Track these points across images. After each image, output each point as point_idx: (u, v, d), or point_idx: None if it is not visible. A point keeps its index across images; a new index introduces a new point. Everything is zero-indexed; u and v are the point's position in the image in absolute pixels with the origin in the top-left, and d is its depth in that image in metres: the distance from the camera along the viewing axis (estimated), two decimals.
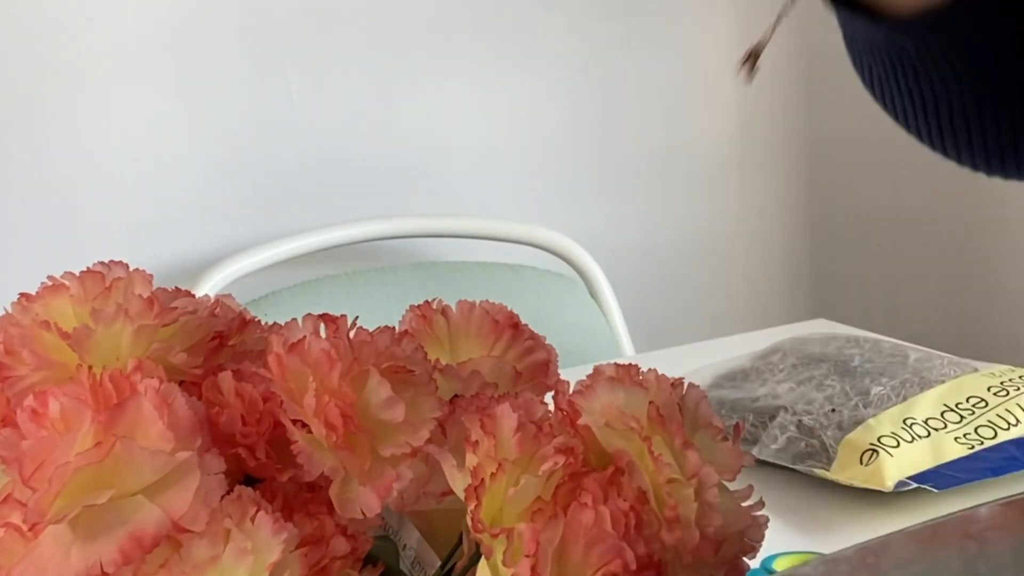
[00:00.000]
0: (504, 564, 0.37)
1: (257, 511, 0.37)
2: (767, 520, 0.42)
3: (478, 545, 0.39)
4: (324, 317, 0.42)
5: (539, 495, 0.39)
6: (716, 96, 1.90)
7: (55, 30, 1.42)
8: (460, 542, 0.43)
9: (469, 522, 0.38)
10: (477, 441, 0.40)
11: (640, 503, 0.39)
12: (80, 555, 0.36)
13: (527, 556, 0.37)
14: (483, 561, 0.38)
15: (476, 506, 0.38)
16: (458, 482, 0.40)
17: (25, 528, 0.37)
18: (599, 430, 0.41)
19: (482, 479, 0.38)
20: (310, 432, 0.40)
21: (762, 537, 0.42)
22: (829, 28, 1.98)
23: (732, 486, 0.42)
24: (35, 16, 1.40)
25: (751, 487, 0.43)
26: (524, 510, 0.38)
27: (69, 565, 0.36)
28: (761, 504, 0.42)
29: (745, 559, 0.42)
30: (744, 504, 0.42)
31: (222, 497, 0.37)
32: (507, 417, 0.40)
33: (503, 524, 0.38)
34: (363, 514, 0.39)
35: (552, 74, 1.75)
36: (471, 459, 0.40)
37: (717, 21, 1.88)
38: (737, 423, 0.46)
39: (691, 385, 0.43)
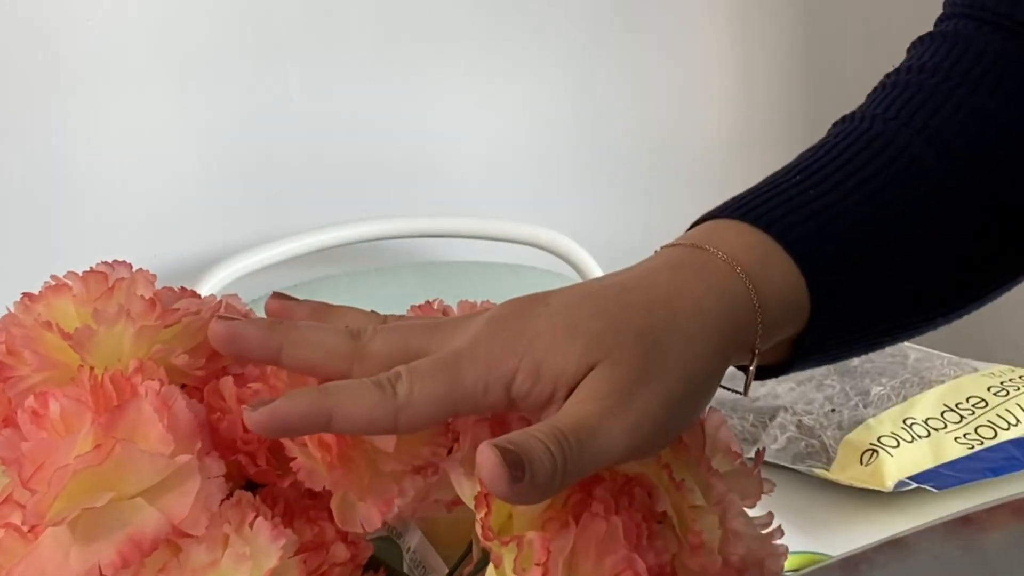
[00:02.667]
0: (514, 572, 0.37)
1: (256, 516, 0.37)
2: (786, 550, 0.42)
3: (485, 552, 0.39)
4: None
5: (550, 504, 0.38)
6: (716, 95, 1.90)
7: (55, 30, 1.42)
8: (469, 549, 0.43)
9: (479, 529, 0.38)
10: None
11: (656, 519, 0.39)
12: (79, 557, 0.36)
13: (537, 565, 0.37)
14: (491, 568, 0.38)
15: (486, 514, 0.38)
16: (466, 490, 0.40)
17: (25, 529, 0.36)
18: None
19: None
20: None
21: (781, 569, 0.42)
22: (831, 23, 1.99)
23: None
24: (35, 16, 1.40)
25: (771, 514, 0.42)
26: (535, 518, 0.38)
27: (68, 567, 0.36)
28: (780, 532, 0.42)
29: None
30: (764, 531, 0.42)
31: (222, 502, 0.37)
32: (516, 424, 0.40)
33: (513, 532, 0.38)
34: (363, 528, 0.39)
35: (552, 74, 1.75)
36: None
37: (717, 19, 1.88)
38: (758, 451, 0.46)
39: (711, 410, 0.42)
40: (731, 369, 0.46)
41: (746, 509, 0.41)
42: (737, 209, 0.50)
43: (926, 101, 0.55)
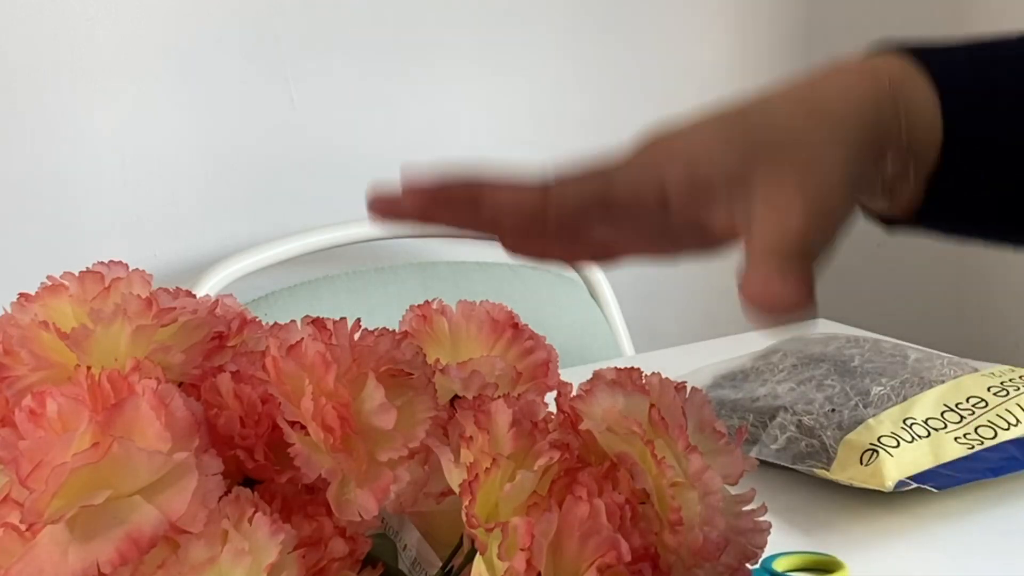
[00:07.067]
0: (499, 558, 0.37)
1: (255, 512, 0.37)
2: (769, 526, 0.42)
3: (474, 542, 0.39)
4: (316, 323, 0.42)
5: (534, 490, 0.39)
6: (714, 94, 1.90)
7: (56, 30, 1.42)
8: (462, 542, 0.43)
9: (464, 517, 0.38)
10: (471, 436, 0.40)
11: (639, 500, 0.39)
12: (77, 555, 0.36)
13: (522, 550, 0.37)
14: (478, 556, 0.38)
15: (471, 501, 0.38)
16: (454, 476, 0.40)
17: (23, 528, 0.36)
18: (601, 435, 0.41)
19: (476, 474, 0.38)
20: (307, 434, 0.39)
21: (764, 543, 0.42)
22: (828, 28, 1.98)
23: (734, 490, 0.42)
24: (35, 16, 1.40)
25: (753, 490, 0.43)
26: (519, 505, 0.38)
27: (66, 565, 0.36)
28: (764, 509, 0.42)
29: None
30: (746, 508, 0.42)
31: (220, 498, 0.37)
32: (502, 413, 0.40)
33: (498, 519, 0.38)
34: (360, 516, 0.39)
35: (550, 74, 1.75)
36: (466, 455, 0.40)
37: (714, 19, 1.88)
38: (740, 427, 0.46)
39: (694, 389, 0.43)
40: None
41: (728, 486, 0.42)
42: (895, 44, 0.51)
43: None
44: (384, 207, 0.45)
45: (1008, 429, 0.89)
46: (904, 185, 0.49)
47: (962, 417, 0.91)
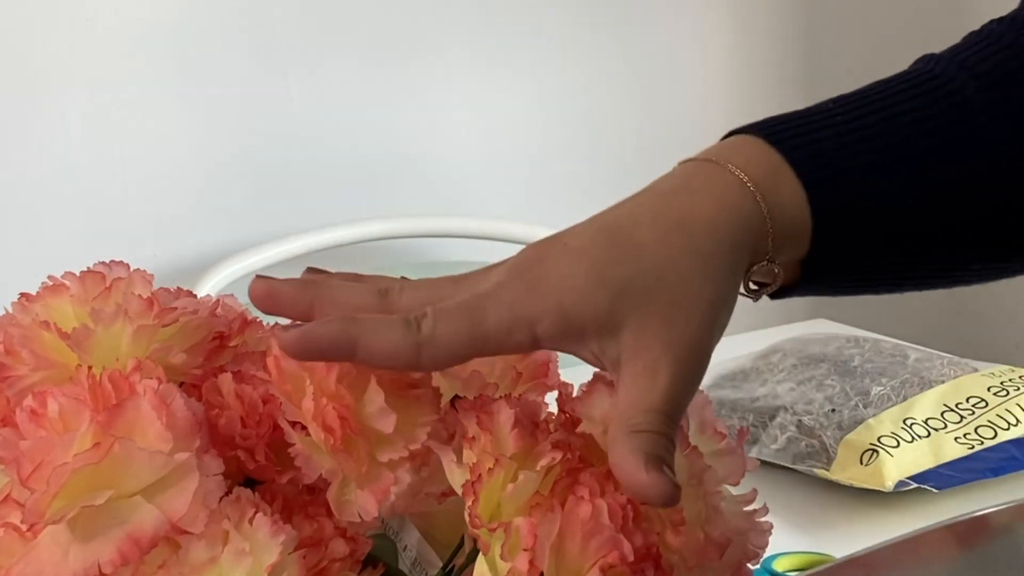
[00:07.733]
0: (502, 558, 0.37)
1: (255, 513, 0.37)
2: (770, 526, 0.42)
3: (476, 541, 0.39)
4: None
5: (537, 490, 0.39)
6: (713, 93, 1.90)
7: (56, 30, 1.42)
8: (462, 542, 0.43)
9: (467, 518, 0.38)
10: (474, 437, 0.40)
11: (639, 501, 0.39)
12: (78, 555, 0.36)
13: (525, 550, 0.37)
14: (481, 557, 0.38)
15: (474, 501, 0.38)
16: (456, 477, 0.40)
17: (24, 528, 0.36)
18: (600, 436, 0.41)
19: (479, 475, 0.38)
20: (308, 435, 0.39)
21: (766, 543, 0.42)
22: (828, 27, 1.98)
23: (735, 490, 0.42)
24: (36, 16, 1.40)
25: (755, 491, 0.43)
26: (522, 505, 0.38)
27: (67, 565, 0.36)
28: (765, 510, 0.42)
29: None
30: (747, 508, 0.42)
31: (221, 498, 0.37)
32: (504, 413, 0.40)
33: (501, 519, 0.38)
34: (360, 517, 0.39)
35: (551, 73, 1.75)
36: (468, 455, 0.40)
37: (711, 18, 1.88)
38: (741, 428, 0.46)
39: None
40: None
41: (730, 487, 0.42)
42: (761, 127, 0.50)
43: (999, 51, 0.53)
44: (267, 302, 0.43)
45: (1008, 429, 0.89)
46: (771, 283, 0.49)
47: (962, 417, 0.91)
